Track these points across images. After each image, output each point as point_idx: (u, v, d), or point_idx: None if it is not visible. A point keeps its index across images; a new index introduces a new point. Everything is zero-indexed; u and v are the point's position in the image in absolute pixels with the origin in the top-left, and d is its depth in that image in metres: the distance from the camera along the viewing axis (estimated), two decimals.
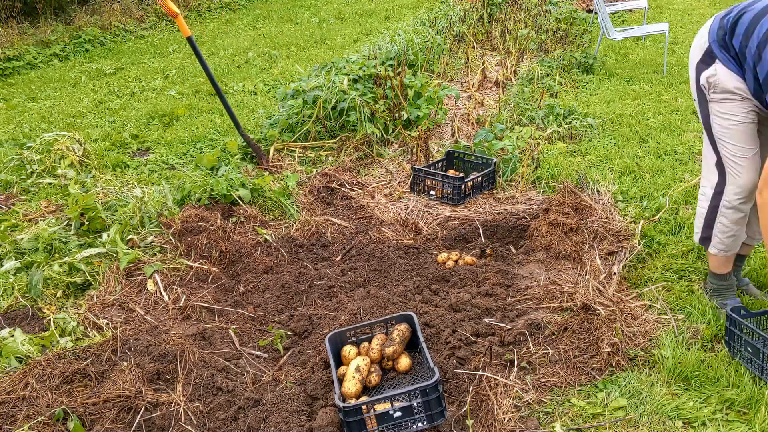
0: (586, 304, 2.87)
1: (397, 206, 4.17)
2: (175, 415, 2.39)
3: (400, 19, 10.59)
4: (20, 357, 2.67)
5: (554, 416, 2.36)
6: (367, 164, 4.82)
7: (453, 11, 9.25)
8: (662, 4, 10.94)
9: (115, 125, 6.03)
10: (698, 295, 2.96)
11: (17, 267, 3.26)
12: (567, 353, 2.62)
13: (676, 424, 2.27)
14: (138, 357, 2.63)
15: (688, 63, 3.29)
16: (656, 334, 2.73)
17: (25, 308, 3.02)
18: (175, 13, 3.99)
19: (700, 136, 4.97)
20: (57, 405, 2.36)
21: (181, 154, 5.10)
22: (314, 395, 2.49)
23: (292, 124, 5.22)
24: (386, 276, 3.33)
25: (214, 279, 3.36)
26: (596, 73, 7.02)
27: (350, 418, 2.25)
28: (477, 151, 4.58)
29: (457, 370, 2.56)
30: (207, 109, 6.41)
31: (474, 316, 2.90)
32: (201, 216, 3.69)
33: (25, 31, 10.09)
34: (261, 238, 3.73)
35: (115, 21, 11.01)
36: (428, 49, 7.02)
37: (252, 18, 12.05)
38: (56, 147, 4.70)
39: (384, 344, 2.63)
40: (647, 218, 3.67)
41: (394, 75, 5.51)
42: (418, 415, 2.29)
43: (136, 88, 7.51)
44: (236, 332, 2.96)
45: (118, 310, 2.99)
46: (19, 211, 3.86)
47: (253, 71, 8.03)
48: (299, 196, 4.26)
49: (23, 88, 7.87)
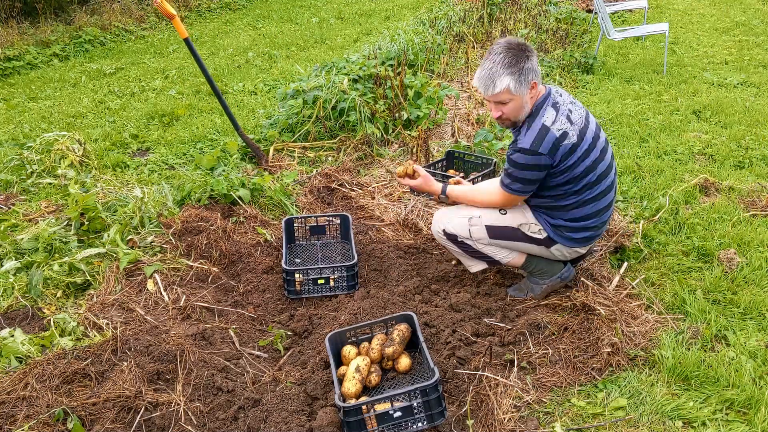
0: (586, 303, 2.87)
1: (397, 206, 4.17)
2: (175, 415, 2.39)
3: (400, 19, 10.59)
4: (20, 357, 2.67)
5: (554, 416, 2.36)
6: (367, 164, 4.82)
7: (453, 11, 9.25)
8: (662, 4, 10.94)
9: (115, 125, 6.02)
10: (698, 295, 2.96)
11: (17, 267, 3.26)
12: (567, 353, 2.62)
13: (676, 424, 2.27)
14: (138, 357, 2.63)
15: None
16: (656, 334, 2.73)
17: (25, 308, 3.02)
18: (172, 14, 3.98)
19: (700, 136, 4.98)
20: (57, 405, 2.36)
21: (181, 154, 5.10)
22: (314, 395, 2.49)
23: (292, 124, 5.22)
24: (386, 276, 3.34)
25: (214, 279, 3.36)
26: (596, 73, 7.02)
27: (350, 418, 2.25)
28: (477, 151, 4.58)
29: (457, 370, 2.56)
30: (207, 109, 6.41)
31: (474, 316, 2.90)
32: (201, 216, 3.69)
33: (25, 31, 10.09)
34: (261, 238, 3.73)
35: (115, 21, 11.01)
36: (428, 49, 7.02)
37: (252, 18, 12.05)
38: (56, 147, 4.70)
39: (384, 344, 2.63)
40: (647, 218, 3.67)
41: (394, 75, 5.51)
42: (418, 415, 2.29)
43: (136, 88, 7.51)
44: (236, 332, 2.96)
45: (118, 310, 2.99)
46: (19, 211, 3.86)
47: (253, 71, 8.03)
48: (299, 196, 4.26)
49: (23, 88, 7.87)
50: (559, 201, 2.81)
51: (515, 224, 2.89)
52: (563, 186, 2.76)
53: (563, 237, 2.88)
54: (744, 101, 5.78)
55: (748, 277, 3.10)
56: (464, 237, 2.94)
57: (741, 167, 4.40)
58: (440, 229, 3.01)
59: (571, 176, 2.72)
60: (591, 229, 2.88)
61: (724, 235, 3.44)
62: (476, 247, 2.96)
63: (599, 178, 2.78)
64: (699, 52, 7.75)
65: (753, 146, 4.70)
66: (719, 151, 4.64)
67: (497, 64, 2.65)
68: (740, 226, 3.55)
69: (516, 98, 2.68)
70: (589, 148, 2.72)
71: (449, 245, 3.04)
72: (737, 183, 4.06)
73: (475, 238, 2.93)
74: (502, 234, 2.91)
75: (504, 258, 2.99)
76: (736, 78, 6.54)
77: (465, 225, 2.93)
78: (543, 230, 2.89)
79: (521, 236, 2.90)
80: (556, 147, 2.64)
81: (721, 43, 8.18)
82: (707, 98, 5.89)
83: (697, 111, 5.60)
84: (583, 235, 2.88)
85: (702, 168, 4.39)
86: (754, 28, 8.89)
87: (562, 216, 2.84)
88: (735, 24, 9.19)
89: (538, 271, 3.01)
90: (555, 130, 2.64)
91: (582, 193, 2.77)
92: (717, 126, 5.21)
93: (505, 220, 2.90)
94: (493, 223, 2.90)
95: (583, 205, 2.80)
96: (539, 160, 2.65)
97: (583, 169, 2.72)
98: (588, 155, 2.72)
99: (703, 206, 3.80)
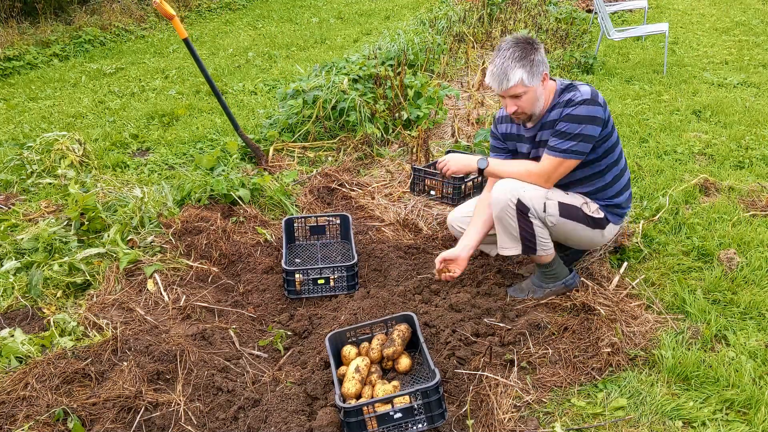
0: (586, 303, 2.87)
1: (397, 206, 4.17)
2: (175, 415, 2.39)
3: (400, 19, 10.59)
4: (20, 357, 2.67)
5: (554, 416, 2.36)
6: (367, 164, 4.82)
7: (453, 11, 9.25)
8: (662, 4, 10.94)
9: (115, 125, 6.03)
10: (698, 295, 2.96)
11: (17, 267, 3.26)
12: (567, 353, 2.62)
13: (676, 424, 2.27)
14: (138, 357, 2.63)
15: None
16: (656, 334, 2.73)
17: (25, 308, 3.02)
18: (171, 15, 3.98)
19: (700, 136, 4.97)
20: (57, 405, 2.36)
21: (181, 154, 5.10)
22: (314, 395, 2.49)
23: (292, 124, 5.22)
24: (386, 276, 3.33)
25: (214, 279, 3.36)
26: (596, 73, 7.02)
27: (350, 418, 2.25)
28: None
29: (457, 370, 2.56)
30: (207, 109, 6.41)
31: (474, 316, 2.90)
32: (201, 216, 3.69)
33: (25, 31, 10.09)
34: (261, 238, 3.73)
35: (115, 21, 11.02)
36: (428, 49, 7.02)
37: (252, 18, 12.05)
38: (56, 147, 4.70)
39: (384, 344, 2.63)
40: (647, 218, 3.67)
41: (394, 75, 5.51)
42: (419, 416, 2.29)
43: (136, 88, 7.51)
44: (236, 332, 2.96)
45: (118, 310, 2.99)
46: (19, 211, 3.86)
47: (253, 71, 8.03)
48: (299, 196, 4.26)
49: (23, 88, 7.87)
50: (603, 179, 2.92)
51: (579, 203, 2.92)
52: (605, 157, 2.88)
53: (613, 214, 3.00)
54: (744, 101, 5.78)
55: (748, 277, 3.09)
56: (537, 211, 2.81)
57: (741, 167, 4.40)
58: (513, 198, 2.79)
59: (610, 144, 2.86)
60: (625, 205, 3.04)
61: (724, 235, 3.44)
62: (539, 224, 2.84)
63: (621, 149, 2.98)
64: (699, 52, 7.75)
65: (753, 146, 4.70)
66: (719, 151, 4.63)
67: (508, 59, 2.73)
68: (740, 226, 3.55)
69: (530, 90, 2.78)
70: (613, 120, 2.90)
71: (510, 217, 2.85)
72: (737, 183, 4.06)
73: (548, 214, 2.83)
74: (569, 213, 2.88)
75: (544, 248, 2.91)
76: (736, 78, 6.54)
77: (542, 198, 2.82)
78: (600, 209, 2.95)
79: (582, 217, 2.91)
80: (605, 103, 2.80)
81: (721, 43, 8.18)
82: (707, 98, 5.89)
83: (697, 111, 5.60)
84: (624, 211, 3.05)
85: (702, 168, 4.39)
86: (754, 28, 8.89)
87: (605, 195, 2.96)
88: (735, 24, 9.19)
89: (551, 273, 3.00)
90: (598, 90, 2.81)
91: (618, 164, 2.94)
92: (717, 126, 5.21)
93: (570, 199, 2.91)
94: (564, 200, 2.88)
95: (619, 177, 2.97)
96: (598, 112, 2.75)
97: (615, 138, 2.90)
98: (615, 125, 2.89)
99: (703, 206, 3.80)
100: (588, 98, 2.75)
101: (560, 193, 2.90)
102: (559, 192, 2.90)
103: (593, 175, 2.90)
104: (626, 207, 3.04)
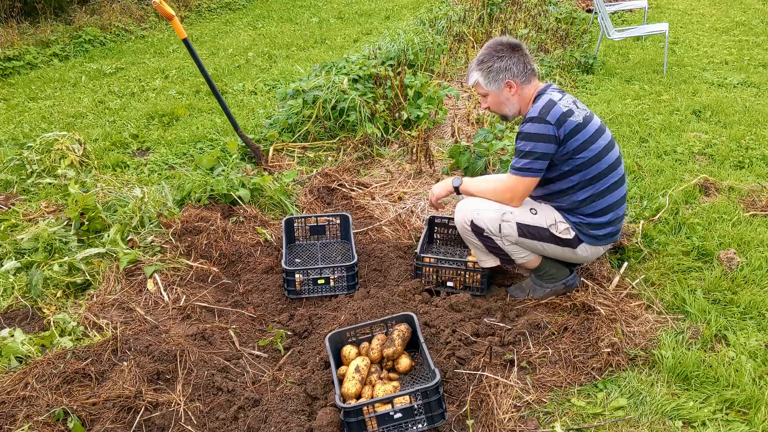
0: (586, 303, 2.87)
1: (397, 206, 4.17)
2: (175, 415, 2.39)
3: (400, 19, 10.59)
4: (20, 357, 2.67)
5: (554, 416, 2.36)
6: (367, 164, 4.82)
7: (453, 11, 9.25)
8: (662, 4, 10.94)
9: (115, 125, 6.02)
10: (698, 295, 2.96)
11: (17, 267, 3.26)
12: (567, 353, 2.62)
13: (676, 424, 2.27)
14: (138, 357, 2.63)
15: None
16: (656, 334, 2.73)
17: (25, 308, 3.02)
18: (171, 15, 3.97)
19: (700, 136, 4.97)
20: (57, 405, 2.36)
21: (181, 154, 5.10)
22: (314, 395, 2.49)
23: (292, 124, 5.22)
24: (386, 276, 3.33)
25: (214, 279, 3.36)
26: (596, 73, 7.02)
27: (350, 418, 2.25)
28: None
29: (457, 370, 2.56)
30: (207, 109, 6.41)
31: (474, 316, 2.90)
32: (201, 216, 3.69)
33: (25, 31, 10.09)
34: (261, 237, 3.73)
35: (115, 21, 11.01)
36: (428, 49, 7.02)
37: (252, 18, 12.05)
38: (56, 147, 4.70)
39: (384, 344, 2.63)
40: (647, 218, 3.67)
41: (394, 75, 5.51)
42: (419, 416, 2.29)
43: (136, 88, 7.51)
44: (236, 332, 2.96)
45: (118, 310, 2.99)
46: (19, 211, 3.86)
47: (253, 71, 8.03)
48: (299, 196, 4.26)
49: (23, 88, 7.87)
50: (575, 195, 2.82)
51: (545, 224, 2.85)
52: (574, 174, 2.77)
53: (587, 235, 2.88)
54: (744, 101, 5.78)
55: (748, 277, 3.09)
56: (492, 232, 2.86)
57: (741, 167, 4.40)
58: (467, 220, 2.90)
59: (579, 162, 2.74)
60: (610, 224, 2.90)
61: (724, 235, 3.44)
62: (499, 243, 2.89)
63: (609, 168, 2.81)
64: (699, 52, 7.75)
65: (753, 146, 4.70)
66: (719, 151, 4.63)
67: (474, 60, 2.84)
68: (740, 226, 3.55)
69: (491, 93, 2.83)
70: (594, 136, 2.75)
71: (471, 237, 2.95)
72: (737, 183, 4.06)
73: (503, 235, 2.85)
74: (531, 233, 2.85)
75: (521, 258, 2.95)
76: (736, 78, 6.54)
77: (497, 220, 2.84)
78: (571, 229, 2.86)
79: (548, 237, 2.86)
80: (562, 120, 2.69)
81: (721, 43, 8.18)
82: (707, 98, 5.89)
83: (697, 111, 5.60)
84: (604, 232, 2.89)
85: (702, 168, 4.39)
86: (754, 28, 8.89)
87: (582, 212, 2.86)
88: (735, 24, 9.19)
89: (547, 276, 3.00)
90: (561, 105, 2.72)
91: (594, 183, 2.79)
92: (717, 126, 5.21)
93: (536, 219, 2.85)
94: (525, 221, 2.85)
95: (598, 198, 2.82)
96: (547, 130, 2.68)
97: (590, 155, 2.74)
98: (594, 142, 2.74)
99: (703, 206, 3.80)
100: (535, 116, 2.70)
101: (522, 213, 2.85)
102: (521, 211, 2.85)
103: (566, 191, 2.84)
104: (607, 230, 2.89)
